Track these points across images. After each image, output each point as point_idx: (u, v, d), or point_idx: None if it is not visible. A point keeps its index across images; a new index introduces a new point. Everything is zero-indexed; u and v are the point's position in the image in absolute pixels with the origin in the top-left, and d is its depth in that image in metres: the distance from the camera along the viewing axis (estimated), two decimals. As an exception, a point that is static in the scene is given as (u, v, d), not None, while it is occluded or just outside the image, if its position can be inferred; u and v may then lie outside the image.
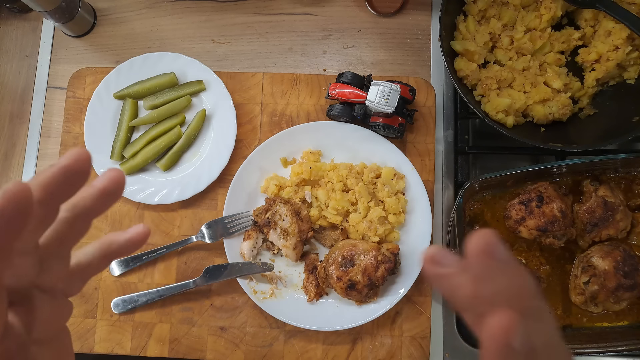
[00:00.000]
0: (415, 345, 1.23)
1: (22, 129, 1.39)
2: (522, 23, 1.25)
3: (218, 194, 1.31)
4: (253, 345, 1.24)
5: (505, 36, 1.24)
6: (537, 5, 1.26)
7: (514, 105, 1.21)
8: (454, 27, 1.28)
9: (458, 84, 1.16)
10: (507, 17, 1.25)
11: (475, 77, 1.24)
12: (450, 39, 1.26)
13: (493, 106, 1.21)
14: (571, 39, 1.26)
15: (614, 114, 1.23)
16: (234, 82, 1.35)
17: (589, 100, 1.27)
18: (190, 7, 1.43)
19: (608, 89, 1.27)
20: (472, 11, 1.27)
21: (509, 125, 1.23)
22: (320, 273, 1.19)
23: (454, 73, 1.23)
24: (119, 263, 1.28)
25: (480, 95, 1.25)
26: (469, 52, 1.23)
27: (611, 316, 1.17)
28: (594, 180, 1.18)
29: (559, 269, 1.19)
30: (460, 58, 1.26)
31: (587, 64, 1.26)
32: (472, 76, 1.23)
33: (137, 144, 1.29)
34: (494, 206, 1.20)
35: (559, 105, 1.21)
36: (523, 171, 1.14)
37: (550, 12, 1.23)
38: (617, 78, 1.26)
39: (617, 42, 1.20)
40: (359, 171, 1.25)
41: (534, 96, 1.21)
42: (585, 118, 1.26)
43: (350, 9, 1.41)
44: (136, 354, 1.26)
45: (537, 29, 1.25)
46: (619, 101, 1.24)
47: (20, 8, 1.42)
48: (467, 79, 1.24)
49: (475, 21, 1.27)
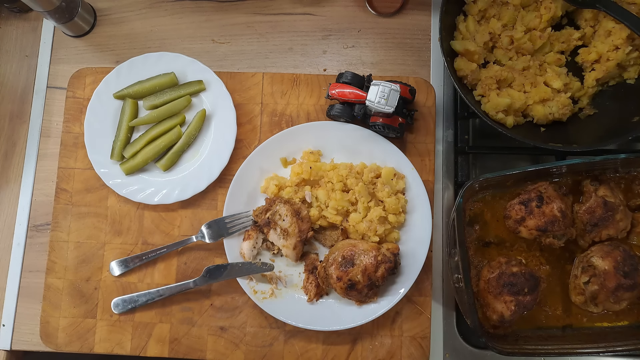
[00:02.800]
0: (415, 345, 1.23)
1: (22, 129, 1.39)
2: (522, 23, 1.25)
3: (218, 194, 1.31)
4: (253, 345, 1.24)
5: (505, 36, 1.24)
6: (537, 5, 1.26)
7: (513, 105, 1.21)
8: (454, 27, 1.28)
9: (458, 84, 1.17)
10: (507, 16, 1.25)
11: (475, 77, 1.24)
12: (450, 39, 1.26)
13: (493, 106, 1.21)
14: (571, 39, 1.26)
15: (614, 114, 1.23)
16: (234, 82, 1.35)
17: (589, 100, 1.27)
18: (190, 7, 1.43)
19: (608, 88, 1.27)
20: (472, 11, 1.27)
21: (508, 125, 1.22)
22: (320, 273, 1.19)
23: (454, 73, 1.23)
24: (119, 263, 1.28)
25: (480, 95, 1.25)
26: (469, 52, 1.23)
27: (611, 316, 1.17)
28: (594, 180, 1.18)
29: (559, 269, 1.19)
30: (460, 58, 1.26)
31: (587, 64, 1.26)
32: (472, 76, 1.23)
33: (137, 144, 1.29)
34: (494, 206, 1.20)
35: (558, 105, 1.21)
36: (523, 171, 1.13)
37: (550, 12, 1.23)
38: (617, 78, 1.26)
39: (617, 42, 1.20)
40: (359, 171, 1.25)
41: (533, 96, 1.21)
42: (586, 118, 1.26)
43: (350, 9, 1.41)
44: (136, 354, 1.26)
45: (537, 29, 1.25)
46: (619, 101, 1.24)
47: (20, 8, 1.42)
48: (467, 79, 1.25)
49: (475, 21, 1.27)
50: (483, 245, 1.19)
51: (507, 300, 1.10)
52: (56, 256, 1.30)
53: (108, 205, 1.32)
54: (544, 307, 1.18)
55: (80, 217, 1.31)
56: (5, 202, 1.36)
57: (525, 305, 1.10)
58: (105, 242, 1.30)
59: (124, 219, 1.31)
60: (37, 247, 1.33)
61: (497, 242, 1.20)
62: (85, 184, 1.33)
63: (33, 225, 1.34)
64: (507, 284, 1.10)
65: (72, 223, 1.31)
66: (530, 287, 1.10)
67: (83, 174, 1.33)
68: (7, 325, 1.29)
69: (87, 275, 1.29)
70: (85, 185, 1.32)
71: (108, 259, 1.29)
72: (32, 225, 1.34)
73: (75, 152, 1.34)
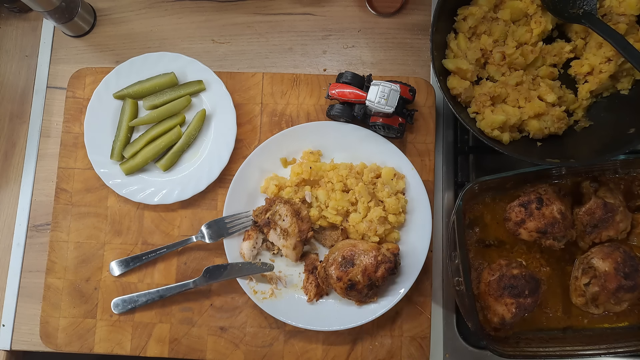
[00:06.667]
0: (415, 345, 1.23)
1: (22, 129, 1.39)
2: (513, 38, 1.23)
3: (218, 194, 1.31)
4: (253, 345, 1.24)
5: (497, 52, 1.22)
6: (527, 19, 1.24)
7: (509, 121, 1.18)
8: (445, 45, 1.26)
9: (451, 102, 1.14)
10: (497, 32, 1.23)
11: (468, 95, 1.22)
12: (441, 58, 1.24)
13: (488, 123, 1.18)
14: (563, 52, 1.24)
15: (609, 126, 1.21)
16: (234, 82, 1.35)
17: (583, 112, 1.25)
18: (190, 7, 1.42)
19: (602, 100, 1.25)
20: (462, 28, 1.24)
21: (505, 141, 1.20)
22: (320, 273, 1.19)
23: (447, 92, 1.21)
24: (119, 263, 1.28)
25: (474, 112, 1.22)
26: (461, 70, 1.21)
27: (612, 317, 1.17)
28: (593, 181, 1.18)
29: (559, 270, 1.19)
30: (452, 76, 1.23)
31: (580, 76, 1.24)
32: (466, 94, 1.21)
33: (137, 144, 1.29)
34: (494, 208, 1.20)
35: (553, 119, 1.20)
36: (522, 173, 1.13)
37: (541, 26, 1.21)
38: (610, 89, 1.24)
39: (609, 54, 1.18)
40: (359, 171, 1.24)
41: (528, 111, 1.19)
42: (582, 130, 1.24)
43: (350, 9, 1.40)
44: (136, 354, 1.26)
45: (528, 43, 1.23)
46: (614, 112, 1.22)
47: (20, 8, 1.42)
48: (461, 97, 1.22)
49: (466, 38, 1.24)
50: (483, 247, 1.19)
51: (507, 302, 1.10)
52: (56, 256, 1.30)
53: (108, 205, 1.32)
54: (545, 309, 1.18)
55: (80, 217, 1.31)
56: (5, 202, 1.36)
57: (526, 307, 1.10)
58: (105, 242, 1.30)
59: (124, 219, 1.31)
60: (37, 247, 1.33)
61: (497, 244, 1.20)
62: (85, 184, 1.33)
63: (33, 225, 1.34)
64: (508, 286, 1.10)
65: (72, 223, 1.31)
66: (531, 289, 1.10)
67: (83, 174, 1.33)
68: (7, 325, 1.30)
69: (87, 276, 1.29)
70: (85, 185, 1.32)
71: (108, 259, 1.29)
72: (32, 225, 1.34)
73: (75, 152, 1.34)
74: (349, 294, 1.16)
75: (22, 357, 1.36)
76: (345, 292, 1.15)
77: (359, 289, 1.14)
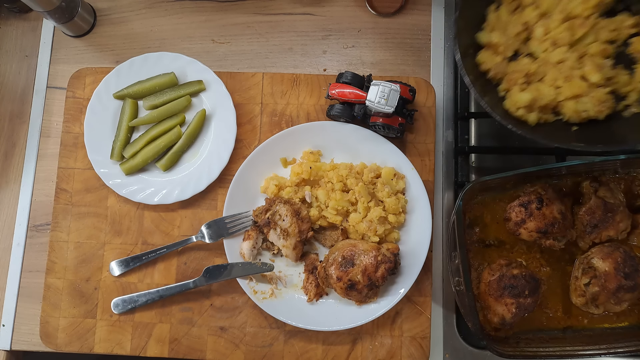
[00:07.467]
0: (415, 345, 1.23)
1: (22, 129, 1.39)
2: (561, 10, 1.09)
3: (218, 194, 1.31)
4: (253, 345, 1.24)
5: (539, 26, 1.11)
6: None
7: (539, 100, 1.08)
8: (477, 19, 1.15)
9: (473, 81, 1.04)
10: (546, 3, 1.10)
11: (500, 71, 1.12)
12: (470, 33, 1.14)
13: (513, 102, 1.09)
14: (622, 27, 1.09)
15: None
16: (234, 82, 1.35)
17: (638, 96, 1.10)
18: (190, 7, 1.42)
19: None
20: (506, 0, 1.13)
21: (531, 122, 1.10)
22: (320, 273, 1.19)
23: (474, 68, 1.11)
24: (118, 263, 1.28)
25: (505, 90, 1.13)
26: (493, 44, 1.12)
27: (612, 317, 1.17)
28: (593, 181, 1.17)
29: (559, 270, 1.19)
30: (485, 50, 1.15)
31: None
32: (497, 69, 1.12)
33: (137, 144, 1.29)
34: (494, 208, 1.20)
35: (594, 101, 1.07)
36: (522, 173, 1.13)
37: None
38: None
39: None
40: (359, 171, 1.24)
41: (565, 91, 1.08)
42: (633, 116, 1.10)
43: (350, 9, 1.40)
44: (136, 354, 1.26)
45: (580, 16, 1.09)
46: None
47: (20, 8, 1.42)
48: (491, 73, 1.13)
49: (509, 10, 1.14)
50: (483, 247, 1.19)
51: (507, 302, 1.09)
52: (56, 256, 1.30)
53: (108, 205, 1.32)
54: (545, 309, 1.17)
55: (80, 217, 1.31)
56: (5, 202, 1.36)
57: (526, 307, 1.09)
58: (105, 242, 1.30)
59: (124, 219, 1.31)
60: (37, 247, 1.33)
61: (497, 244, 1.19)
62: (85, 184, 1.33)
63: (33, 225, 1.34)
64: (508, 286, 1.10)
65: (72, 223, 1.31)
66: (531, 289, 1.10)
67: (83, 174, 1.33)
68: (7, 325, 1.30)
69: (87, 276, 1.29)
70: (85, 185, 1.32)
71: (108, 259, 1.29)
72: (32, 225, 1.34)
73: (75, 152, 1.34)
74: (349, 294, 1.15)
75: (22, 357, 1.36)
76: (345, 292, 1.15)
77: (359, 289, 1.14)
